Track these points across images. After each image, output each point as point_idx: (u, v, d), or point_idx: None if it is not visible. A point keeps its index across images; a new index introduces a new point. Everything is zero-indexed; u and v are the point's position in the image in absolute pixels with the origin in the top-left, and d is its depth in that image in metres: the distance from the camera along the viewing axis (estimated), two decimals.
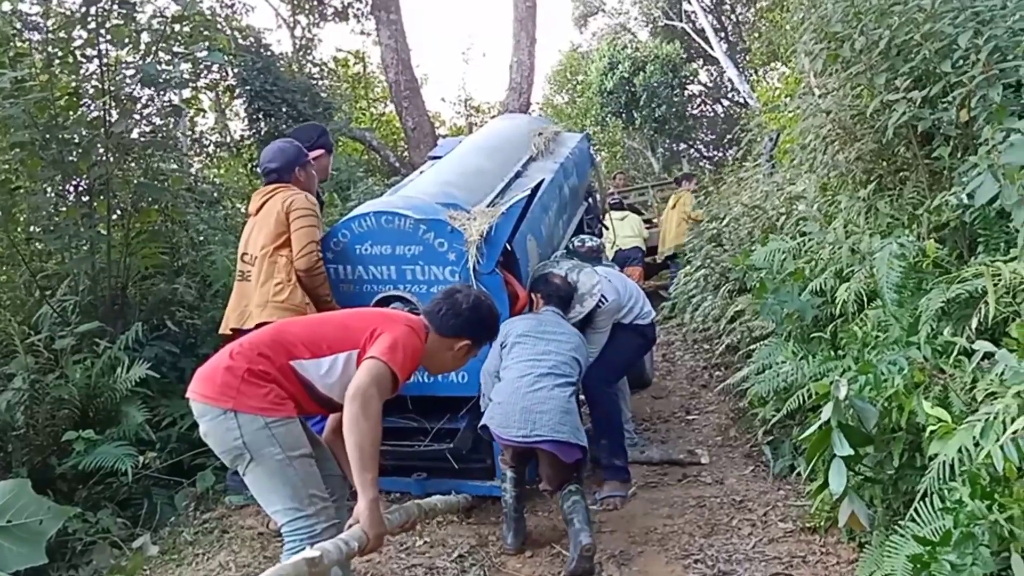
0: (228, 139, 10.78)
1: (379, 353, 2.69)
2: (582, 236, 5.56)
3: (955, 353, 2.99)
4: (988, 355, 2.74)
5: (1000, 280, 2.90)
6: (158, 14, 5.31)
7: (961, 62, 3.68)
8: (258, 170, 4.42)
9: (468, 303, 3.02)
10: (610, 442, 4.53)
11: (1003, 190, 2.89)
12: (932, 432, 2.59)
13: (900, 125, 3.86)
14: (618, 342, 4.64)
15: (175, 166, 6.33)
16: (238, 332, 3.89)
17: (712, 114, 25.98)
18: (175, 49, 5.38)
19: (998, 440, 2.26)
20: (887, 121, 3.91)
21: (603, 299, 4.48)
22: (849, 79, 4.31)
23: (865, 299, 3.77)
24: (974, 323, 2.99)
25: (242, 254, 4.20)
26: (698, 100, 24.91)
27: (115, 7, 4.96)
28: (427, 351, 2.95)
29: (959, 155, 3.76)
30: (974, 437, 2.39)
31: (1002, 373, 2.58)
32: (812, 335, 4.30)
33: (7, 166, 5.08)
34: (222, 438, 2.69)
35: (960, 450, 2.44)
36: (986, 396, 2.63)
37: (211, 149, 9.80)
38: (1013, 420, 2.28)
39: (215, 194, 7.54)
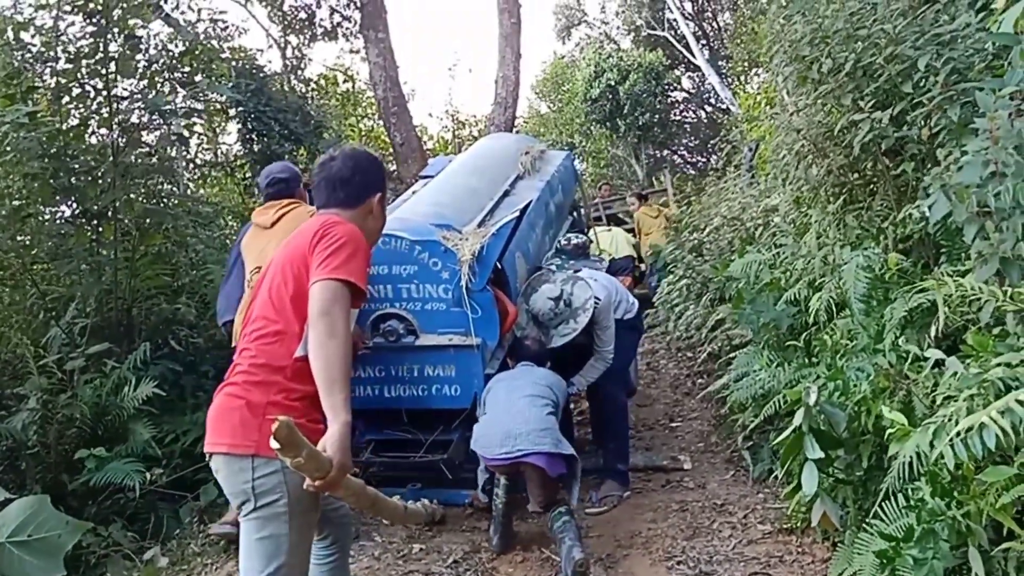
0: (221, 159, 10.88)
1: (326, 273, 2.34)
2: (567, 235, 5.76)
3: (916, 360, 3.12)
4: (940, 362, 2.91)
5: (955, 291, 3.02)
6: (163, 47, 5.46)
7: (923, 82, 3.83)
8: (260, 183, 4.39)
9: (348, 163, 2.71)
10: (617, 446, 4.71)
11: (955, 208, 3.02)
12: (891, 434, 2.77)
13: (867, 142, 3.98)
14: (618, 340, 4.73)
15: (174, 189, 6.48)
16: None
17: (695, 120, 26.05)
18: (178, 77, 5.53)
19: (949, 440, 2.42)
20: (854, 138, 4.05)
21: (596, 300, 4.58)
22: (818, 98, 4.47)
23: (835, 309, 3.91)
24: (933, 332, 3.13)
25: (259, 267, 3.75)
26: (681, 107, 25.05)
27: (120, 36, 5.10)
28: None
29: (924, 169, 3.85)
30: (929, 439, 2.53)
31: (957, 377, 2.72)
32: (787, 343, 4.43)
33: (16, 192, 5.19)
34: (233, 479, 2.41)
35: (918, 451, 2.58)
36: (944, 400, 2.76)
37: (205, 170, 9.90)
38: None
39: (212, 213, 7.68)
